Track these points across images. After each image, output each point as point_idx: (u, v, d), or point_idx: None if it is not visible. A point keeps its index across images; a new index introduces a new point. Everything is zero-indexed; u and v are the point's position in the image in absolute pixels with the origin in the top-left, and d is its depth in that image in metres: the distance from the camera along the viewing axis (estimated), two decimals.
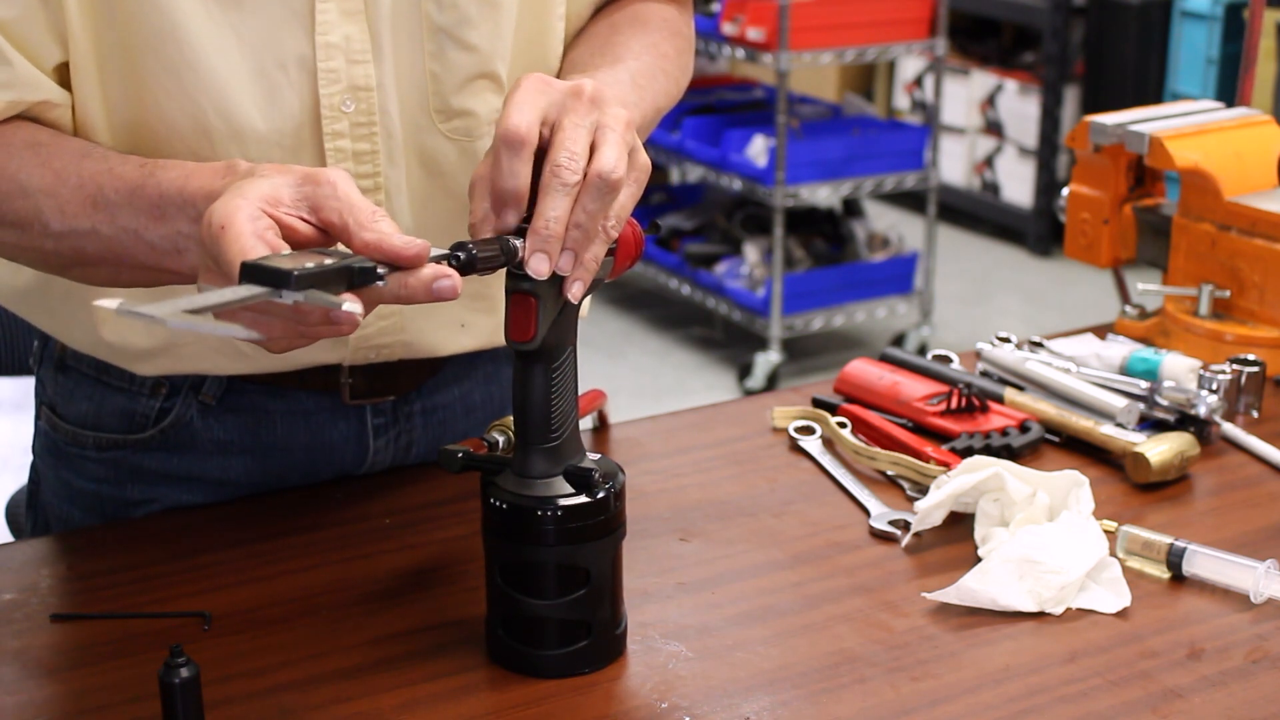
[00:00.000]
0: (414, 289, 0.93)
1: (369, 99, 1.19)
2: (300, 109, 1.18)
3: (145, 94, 1.15)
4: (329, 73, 1.17)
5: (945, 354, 1.58)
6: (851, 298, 4.46)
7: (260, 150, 1.18)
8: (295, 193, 0.96)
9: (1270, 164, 1.67)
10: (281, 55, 1.16)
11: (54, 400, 1.36)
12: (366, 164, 1.21)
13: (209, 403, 1.31)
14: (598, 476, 1.03)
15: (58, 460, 1.37)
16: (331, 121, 1.19)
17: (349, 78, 1.18)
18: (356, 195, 0.95)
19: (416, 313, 1.28)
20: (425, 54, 1.21)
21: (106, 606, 1.15)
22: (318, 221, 0.96)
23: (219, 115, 1.16)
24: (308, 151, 1.19)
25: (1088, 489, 1.24)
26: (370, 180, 1.22)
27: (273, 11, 1.15)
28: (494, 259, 0.97)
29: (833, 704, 1.04)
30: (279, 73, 1.17)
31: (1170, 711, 1.03)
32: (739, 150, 4.38)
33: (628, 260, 1.08)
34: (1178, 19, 5.07)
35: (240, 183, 0.97)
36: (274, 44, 1.16)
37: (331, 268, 0.89)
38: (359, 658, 1.08)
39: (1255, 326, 1.60)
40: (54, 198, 1.08)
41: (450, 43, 1.21)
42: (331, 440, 1.34)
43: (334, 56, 1.17)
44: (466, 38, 1.22)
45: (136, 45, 1.14)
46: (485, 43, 1.23)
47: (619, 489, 1.05)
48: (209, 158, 1.17)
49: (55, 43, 1.14)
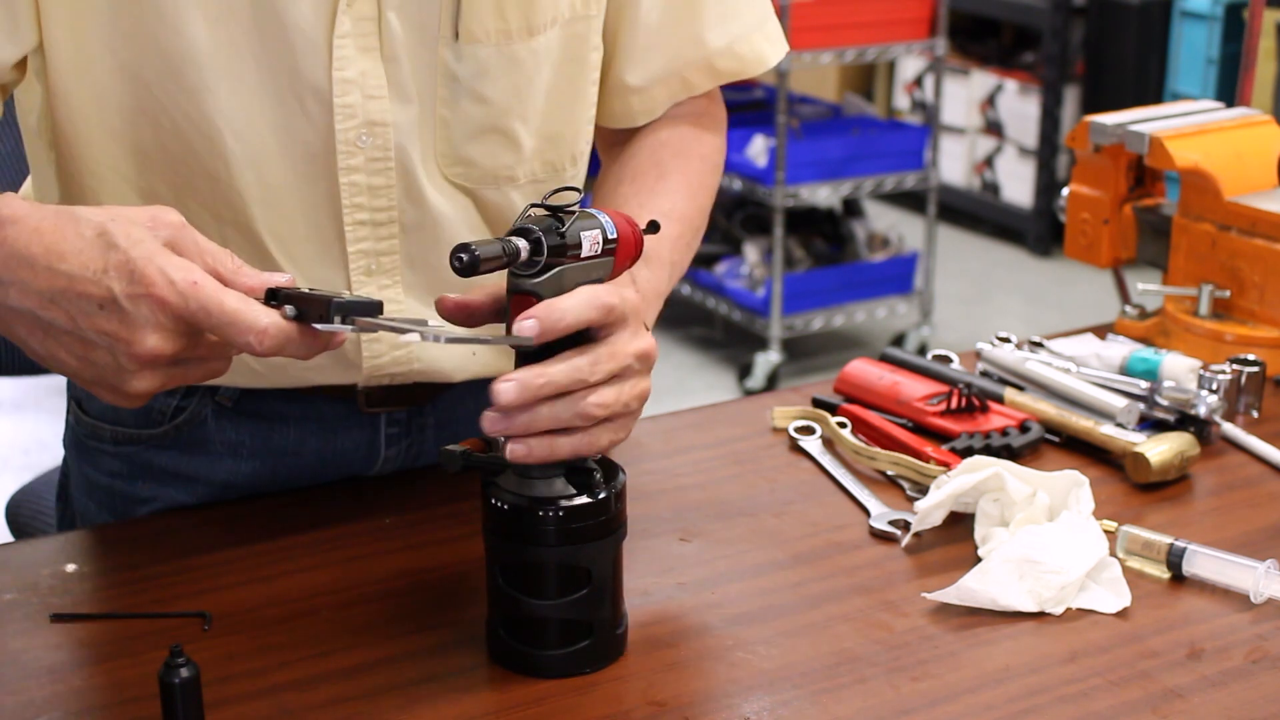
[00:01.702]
0: None
1: (385, 134, 1.19)
2: (316, 140, 1.18)
3: (163, 117, 1.15)
4: (345, 107, 1.17)
5: (945, 354, 1.58)
6: (851, 298, 4.46)
7: (276, 176, 1.18)
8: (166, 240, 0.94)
9: (1270, 164, 1.67)
10: (298, 86, 1.16)
11: (80, 393, 1.37)
12: (382, 198, 1.21)
13: (225, 404, 1.32)
14: (598, 477, 1.04)
15: (80, 454, 1.39)
16: (347, 156, 1.18)
17: (365, 113, 1.17)
18: (205, 241, 0.95)
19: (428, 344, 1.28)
20: (438, 99, 1.20)
21: (106, 606, 1.15)
22: None
23: (237, 139, 1.15)
24: (323, 181, 1.19)
25: (1088, 489, 1.24)
26: (385, 214, 1.22)
27: (291, 41, 1.14)
28: (496, 259, 0.97)
29: (833, 704, 1.04)
30: (296, 103, 1.16)
31: (1170, 711, 1.03)
32: (739, 150, 4.38)
33: (627, 260, 1.08)
34: (1178, 19, 5.07)
35: (123, 233, 0.92)
36: (291, 74, 1.15)
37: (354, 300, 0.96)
38: (359, 658, 1.08)
39: (1255, 326, 1.60)
40: None
41: (464, 93, 1.20)
42: (343, 447, 1.34)
43: (350, 91, 1.16)
44: (482, 90, 1.21)
45: (151, 67, 1.13)
46: (501, 97, 1.22)
47: (620, 489, 1.05)
48: (225, 181, 1.17)
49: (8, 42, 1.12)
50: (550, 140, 1.27)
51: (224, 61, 1.13)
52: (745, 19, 1.34)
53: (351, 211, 1.20)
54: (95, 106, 1.15)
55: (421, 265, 1.26)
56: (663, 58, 1.31)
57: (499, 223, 1.28)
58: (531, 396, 0.98)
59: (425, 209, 1.23)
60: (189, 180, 1.17)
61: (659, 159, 1.31)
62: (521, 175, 1.27)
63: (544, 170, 1.28)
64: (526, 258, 0.98)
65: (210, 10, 1.12)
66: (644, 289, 1.19)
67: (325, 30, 1.15)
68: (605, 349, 1.01)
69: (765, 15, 1.36)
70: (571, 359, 0.99)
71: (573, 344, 1.00)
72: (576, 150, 1.31)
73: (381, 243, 1.23)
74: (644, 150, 1.32)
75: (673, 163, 1.31)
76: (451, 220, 1.25)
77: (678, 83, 1.33)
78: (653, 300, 1.21)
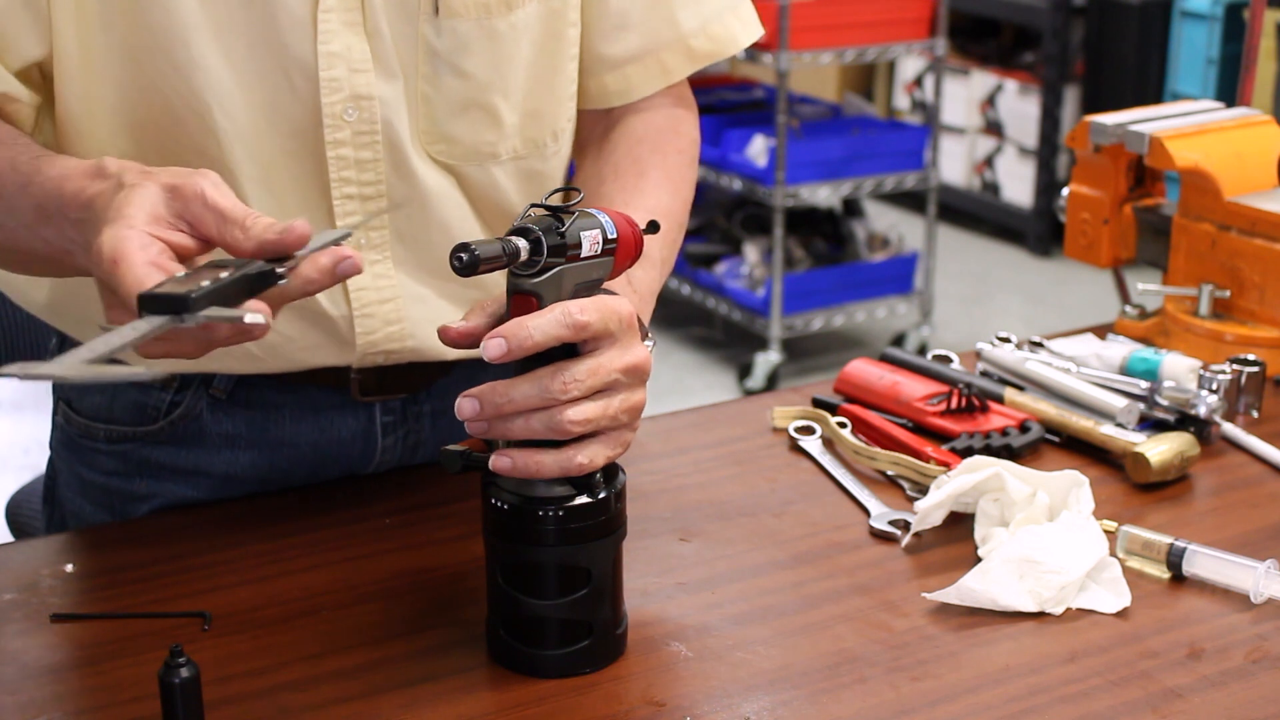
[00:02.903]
0: (318, 281, 0.94)
1: (371, 108, 1.19)
2: (303, 114, 1.19)
3: (155, 94, 1.16)
4: (331, 81, 1.18)
5: (945, 354, 1.58)
6: (851, 298, 4.46)
7: (265, 152, 1.18)
8: (169, 207, 0.95)
9: (1270, 164, 1.67)
10: (285, 61, 1.17)
11: (69, 394, 1.37)
12: (369, 172, 1.22)
13: (219, 396, 1.32)
14: (598, 477, 1.04)
15: (71, 454, 1.38)
16: (334, 130, 1.19)
17: (351, 86, 1.18)
18: (226, 199, 0.95)
19: (423, 319, 1.28)
20: (419, 76, 1.21)
21: (106, 606, 1.15)
22: (196, 234, 0.95)
23: (225, 115, 1.16)
24: (310, 157, 1.20)
25: (1088, 489, 1.24)
26: (373, 188, 1.22)
27: (277, 17, 1.15)
28: (496, 259, 0.97)
29: (833, 704, 1.04)
30: (283, 78, 1.17)
31: (1170, 711, 1.03)
32: (739, 150, 4.38)
33: (627, 260, 1.08)
34: (1178, 19, 5.07)
35: (118, 202, 0.95)
36: (278, 49, 1.16)
37: (228, 282, 0.89)
38: (359, 658, 1.08)
39: (1255, 326, 1.60)
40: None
41: (445, 68, 1.21)
42: (339, 437, 1.34)
43: (336, 65, 1.17)
44: (462, 65, 1.22)
45: (144, 45, 1.14)
46: (481, 72, 1.23)
47: (620, 489, 1.05)
48: (216, 157, 1.17)
49: (35, 43, 1.14)
50: (532, 116, 1.28)
51: (212, 38, 1.14)
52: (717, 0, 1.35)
53: (340, 185, 1.21)
54: (92, 81, 1.16)
55: (410, 240, 1.26)
56: (637, 36, 1.32)
57: (484, 201, 1.29)
58: (492, 413, 0.99)
59: (413, 184, 1.24)
60: (181, 156, 1.18)
61: (637, 155, 1.31)
62: (504, 152, 1.27)
63: (526, 147, 1.29)
64: (526, 258, 0.98)
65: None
66: (640, 289, 1.19)
67: (310, 5, 1.16)
68: (585, 365, 1.00)
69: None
70: (540, 377, 0.99)
71: (563, 356, 1.00)
72: (558, 127, 1.31)
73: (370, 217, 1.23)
74: (621, 146, 1.32)
75: (651, 159, 1.31)
76: (440, 196, 1.25)
77: (655, 65, 1.33)
78: (648, 300, 1.21)
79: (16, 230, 1.08)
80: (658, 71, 1.34)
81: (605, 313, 1.00)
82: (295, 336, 1.26)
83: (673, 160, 1.33)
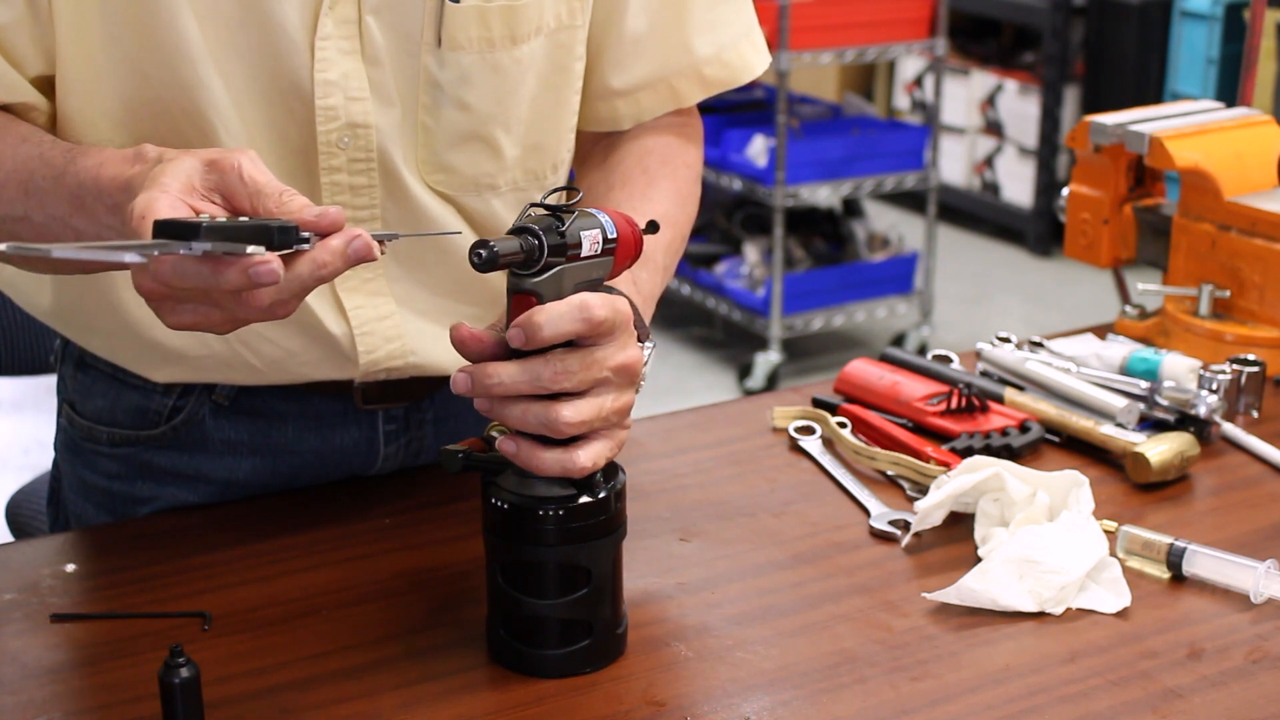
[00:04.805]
0: (330, 264, 0.93)
1: (367, 136, 1.19)
2: (300, 138, 1.18)
3: (161, 109, 1.15)
4: (327, 109, 1.17)
5: (945, 354, 1.58)
6: (851, 298, 4.46)
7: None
8: (204, 180, 0.96)
9: (1270, 164, 1.67)
10: (283, 86, 1.16)
11: (73, 397, 1.37)
12: (364, 197, 1.21)
13: (221, 403, 1.32)
14: (598, 476, 1.04)
15: (74, 456, 1.38)
16: (328, 157, 1.19)
17: (347, 114, 1.18)
18: (262, 174, 0.95)
19: (424, 334, 1.28)
20: (420, 106, 1.21)
21: (106, 606, 1.15)
22: (229, 208, 0.96)
23: (228, 134, 1.16)
24: (307, 177, 1.20)
25: (1088, 489, 1.24)
26: (367, 211, 1.22)
27: (275, 43, 1.15)
28: (515, 255, 0.97)
29: (833, 704, 1.04)
30: (281, 101, 1.17)
31: (1170, 711, 1.03)
32: (739, 150, 4.38)
33: (627, 260, 1.08)
34: (1178, 19, 5.07)
35: (154, 173, 0.96)
36: (276, 74, 1.16)
37: (245, 224, 0.89)
38: (359, 658, 1.08)
39: (1255, 326, 1.60)
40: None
41: (447, 99, 1.21)
42: (342, 445, 1.34)
43: (332, 93, 1.17)
44: (464, 97, 1.21)
45: (151, 61, 1.14)
46: (484, 105, 1.22)
47: (620, 489, 1.05)
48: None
49: (40, 55, 1.14)
50: (533, 149, 1.27)
51: (214, 58, 1.14)
52: (732, 27, 1.35)
53: None
54: (94, 94, 1.16)
55: (405, 259, 1.26)
56: (650, 64, 1.31)
57: (482, 228, 1.28)
58: (482, 392, 0.99)
59: (409, 208, 1.23)
60: None
61: (646, 165, 1.31)
62: (503, 183, 1.27)
63: (526, 179, 1.28)
64: (537, 255, 0.99)
65: (199, 8, 1.12)
66: (644, 291, 1.19)
67: (308, 32, 1.15)
68: (578, 357, 1.00)
69: (751, 24, 1.37)
70: (532, 363, 0.99)
71: None
72: (559, 159, 1.31)
73: None
74: (630, 157, 1.32)
75: (660, 170, 1.31)
76: (436, 219, 1.25)
77: (666, 90, 1.33)
78: (650, 303, 1.21)
79: (47, 225, 1.07)
80: (669, 96, 1.34)
81: (614, 310, 1.01)
82: (298, 351, 1.26)
83: (682, 174, 1.33)
